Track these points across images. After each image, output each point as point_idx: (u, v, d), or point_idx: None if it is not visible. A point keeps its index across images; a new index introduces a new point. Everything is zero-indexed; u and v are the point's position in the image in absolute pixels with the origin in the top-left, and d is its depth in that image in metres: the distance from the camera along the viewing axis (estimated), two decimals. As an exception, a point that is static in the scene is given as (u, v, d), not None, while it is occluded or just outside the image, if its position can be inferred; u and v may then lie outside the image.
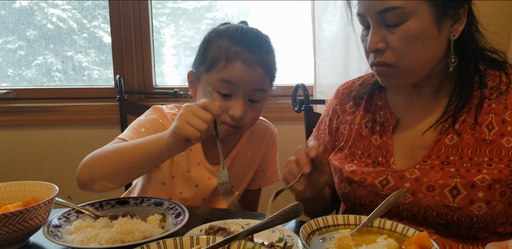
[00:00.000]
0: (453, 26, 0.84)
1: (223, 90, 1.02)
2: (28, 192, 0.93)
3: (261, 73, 1.02)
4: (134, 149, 0.90)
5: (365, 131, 0.99)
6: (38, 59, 2.18)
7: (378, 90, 1.02)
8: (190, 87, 1.13)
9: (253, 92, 1.03)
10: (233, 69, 1.00)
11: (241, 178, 1.22)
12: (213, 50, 1.03)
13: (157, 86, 2.11)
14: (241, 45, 1.01)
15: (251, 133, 1.21)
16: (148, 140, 0.90)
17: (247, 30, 1.04)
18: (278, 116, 1.94)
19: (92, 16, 2.16)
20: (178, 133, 0.83)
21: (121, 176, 0.92)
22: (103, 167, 0.90)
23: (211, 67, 1.02)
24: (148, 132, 1.04)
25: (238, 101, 1.02)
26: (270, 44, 1.07)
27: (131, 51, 2.06)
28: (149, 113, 1.11)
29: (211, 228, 0.87)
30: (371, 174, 0.93)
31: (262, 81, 1.04)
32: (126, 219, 0.85)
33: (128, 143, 0.94)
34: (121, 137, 1.02)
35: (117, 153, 0.91)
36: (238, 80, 1.00)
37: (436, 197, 0.85)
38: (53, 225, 0.86)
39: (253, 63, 1.00)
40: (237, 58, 1.00)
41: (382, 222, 0.78)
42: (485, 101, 0.87)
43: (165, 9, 2.21)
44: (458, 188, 0.83)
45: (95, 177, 0.91)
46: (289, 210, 0.66)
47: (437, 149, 0.88)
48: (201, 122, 0.82)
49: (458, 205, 0.83)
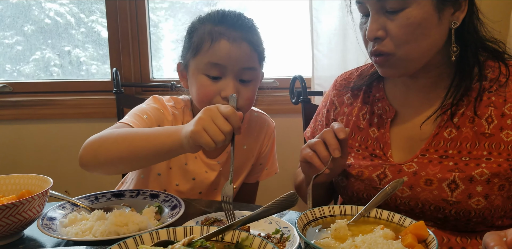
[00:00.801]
0: (454, 14, 0.82)
1: (212, 72, 1.00)
2: (22, 185, 0.92)
3: (247, 49, 1.00)
4: (145, 139, 0.85)
5: (362, 123, 0.98)
6: (36, 54, 2.17)
7: (377, 81, 1.00)
8: (180, 79, 1.12)
9: (243, 72, 1.01)
10: (219, 49, 0.98)
11: (238, 171, 1.20)
12: (197, 35, 1.02)
13: (154, 79, 2.11)
14: (223, 25, 1.00)
15: (248, 126, 1.19)
16: (160, 133, 0.85)
17: (228, 12, 1.04)
18: (276, 108, 1.93)
19: (90, 11, 2.14)
20: (193, 139, 0.78)
21: (125, 163, 0.88)
22: (111, 150, 0.86)
23: (198, 51, 1.01)
24: (150, 119, 1.03)
25: (228, 81, 1.00)
26: (253, 24, 1.05)
27: (128, 44, 2.05)
28: (149, 102, 1.10)
29: (207, 220, 0.86)
30: (369, 168, 0.92)
31: (250, 58, 1.01)
32: (120, 211, 0.84)
33: (138, 130, 0.90)
34: (124, 121, 0.98)
35: (128, 139, 0.86)
36: (225, 59, 0.98)
37: (434, 191, 0.84)
38: (47, 218, 0.85)
39: (238, 39, 0.99)
40: (221, 37, 0.98)
41: (379, 212, 0.77)
42: (485, 93, 0.85)
43: (163, 4, 2.20)
44: (457, 182, 0.82)
45: (99, 159, 0.87)
46: (284, 199, 0.65)
47: (435, 142, 0.87)
48: (219, 133, 0.77)
49: (456, 199, 0.82)
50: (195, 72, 1.02)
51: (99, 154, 0.86)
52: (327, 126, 1.07)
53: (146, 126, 1.00)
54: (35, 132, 2.07)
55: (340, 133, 0.83)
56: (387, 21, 0.81)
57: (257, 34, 1.05)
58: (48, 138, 2.07)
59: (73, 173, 1.99)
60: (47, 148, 2.08)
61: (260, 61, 1.05)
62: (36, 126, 2.06)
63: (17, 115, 2.04)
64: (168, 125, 1.07)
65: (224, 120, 0.78)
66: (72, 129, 2.06)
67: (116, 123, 0.99)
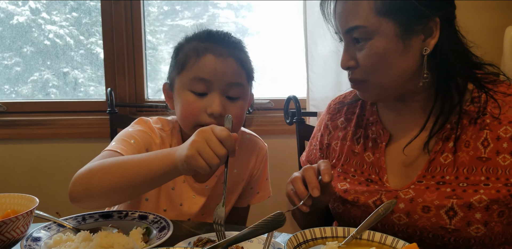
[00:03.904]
0: (426, 41, 0.81)
1: (197, 88, 0.97)
2: (8, 205, 0.90)
3: (234, 64, 0.98)
4: (139, 165, 0.82)
5: (357, 147, 0.97)
6: (34, 75, 2.19)
7: (370, 105, 1.00)
8: (166, 100, 1.09)
9: (230, 87, 0.98)
10: (204, 63, 0.96)
11: (228, 195, 1.16)
12: (183, 52, 1.01)
13: (149, 100, 2.11)
14: (209, 41, 0.99)
15: (239, 149, 1.15)
16: (153, 157, 0.82)
17: (216, 31, 1.03)
18: (271, 129, 1.93)
19: (89, 33, 2.18)
20: (188, 163, 0.76)
21: (120, 193, 0.85)
22: (103, 181, 0.82)
23: (183, 68, 0.99)
24: (138, 144, 1.00)
25: (214, 96, 0.97)
26: (240, 41, 1.04)
27: (123, 64, 2.06)
28: (136, 125, 1.07)
29: (199, 240, 0.84)
30: (365, 194, 0.90)
31: (237, 73, 0.99)
32: (106, 233, 0.81)
33: (129, 157, 0.87)
34: (112, 149, 0.96)
35: (121, 168, 0.83)
36: (211, 74, 0.96)
37: (432, 218, 0.81)
38: (31, 239, 0.83)
39: (224, 54, 0.97)
40: (207, 52, 0.97)
41: (371, 234, 0.75)
42: (479, 117, 0.83)
43: (163, 27, 2.24)
44: (455, 209, 0.80)
45: (92, 192, 0.83)
46: (271, 219, 0.63)
47: (432, 168, 0.85)
48: (214, 157, 0.75)
49: (455, 226, 0.80)
50: (181, 90, 1.00)
51: (91, 187, 0.83)
52: (321, 150, 1.05)
53: (134, 151, 0.98)
54: (28, 151, 2.06)
55: (325, 176, 0.81)
56: (356, 52, 0.84)
57: (245, 52, 1.04)
58: (41, 157, 2.06)
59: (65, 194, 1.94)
60: (40, 168, 2.07)
61: (248, 79, 1.04)
62: (29, 145, 2.05)
63: (10, 134, 2.03)
64: (156, 148, 1.04)
65: (219, 144, 0.76)
66: (65, 149, 2.05)
67: (102, 152, 0.96)
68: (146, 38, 2.14)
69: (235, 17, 2.23)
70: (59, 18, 2.16)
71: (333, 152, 1.02)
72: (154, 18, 2.23)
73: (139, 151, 0.99)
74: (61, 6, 2.16)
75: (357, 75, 0.85)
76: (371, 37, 0.80)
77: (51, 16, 2.16)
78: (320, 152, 1.06)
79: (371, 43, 0.81)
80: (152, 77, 2.18)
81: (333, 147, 1.02)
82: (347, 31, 0.83)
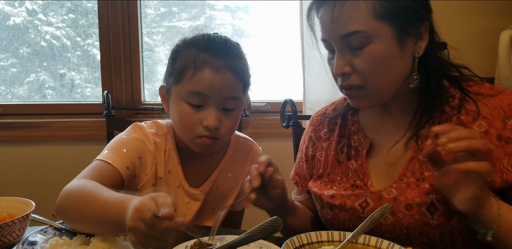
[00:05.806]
0: (417, 44, 0.84)
1: (194, 101, 0.98)
2: (4, 208, 0.90)
3: (231, 79, 0.98)
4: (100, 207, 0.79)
5: (341, 157, 0.98)
6: (31, 76, 2.18)
7: (351, 115, 1.02)
8: (162, 102, 1.09)
9: (226, 101, 0.99)
10: (201, 78, 0.96)
11: (223, 200, 1.17)
12: (181, 60, 1.00)
13: (145, 102, 2.11)
14: (208, 52, 0.98)
15: (233, 153, 1.16)
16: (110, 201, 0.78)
17: (214, 37, 1.02)
18: (267, 132, 1.93)
19: (86, 34, 2.17)
20: None
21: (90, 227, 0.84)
22: (75, 215, 0.85)
23: (180, 78, 0.99)
24: (131, 152, 1.01)
25: (210, 110, 0.98)
26: (239, 50, 1.04)
27: (120, 66, 2.06)
28: (130, 131, 1.07)
29: (196, 244, 0.84)
30: (351, 197, 0.92)
31: (234, 88, 1.00)
32: (103, 237, 0.82)
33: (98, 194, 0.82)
34: (103, 159, 0.96)
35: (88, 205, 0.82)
36: (208, 89, 0.97)
37: (415, 215, 0.83)
38: (28, 242, 0.83)
39: (222, 69, 0.97)
40: (205, 65, 0.97)
41: (367, 239, 0.76)
42: (454, 114, 0.86)
43: (160, 28, 2.24)
44: (435, 204, 0.82)
45: (68, 220, 0.88)
46: (268, 224, 0.64)
47: (412, 166, 0.87)
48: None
49: (438, 221, 0.81)
50: (177, 99, 1.00)
51: (68, 215, 0.86)
52: (306, 162, 1.06)
53: (126, 160, 0.99)
54: (24, 154, 2.05)
55: (260, 167, 0.88)
56: (352, 57, 0.84)
57: (243, 61, 1.03)
58: (37, 160, 2.05)
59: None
60: (36, 171, 2.05)
61: (244, 89, 1.04)
62: (25, 148, 2.04)
63: (6, 137, 2.02)
64: (149, 155, 1.05)
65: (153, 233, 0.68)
66: (61, 151, 2.04)
67: (94, 161, 0.97)
68: (143, 39, 2.14)
69: (232, 19, 2.23)
70: (56, 19, 2.16)
71: (318, 162, 1.03)
72: (151, 20, 2.23)
73: (131, 160, 1.00)
74: (58, 8, 2.16)
75: (355, 81, 0.85)
76: (371, 41, 0.81)
77: (48, 17, 2.15)
78: (306, 164, 1.07)
79: (370, 48, 0.81)
80: (149, 79, 2.17)
81: (317, 157, 1.04)
82: (344, 37, 0.83)
